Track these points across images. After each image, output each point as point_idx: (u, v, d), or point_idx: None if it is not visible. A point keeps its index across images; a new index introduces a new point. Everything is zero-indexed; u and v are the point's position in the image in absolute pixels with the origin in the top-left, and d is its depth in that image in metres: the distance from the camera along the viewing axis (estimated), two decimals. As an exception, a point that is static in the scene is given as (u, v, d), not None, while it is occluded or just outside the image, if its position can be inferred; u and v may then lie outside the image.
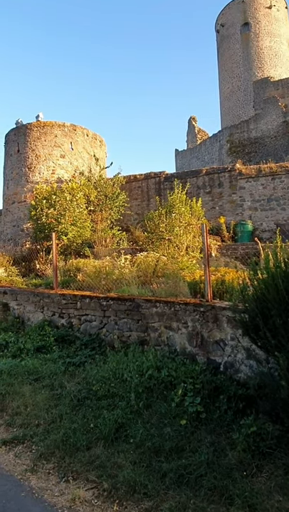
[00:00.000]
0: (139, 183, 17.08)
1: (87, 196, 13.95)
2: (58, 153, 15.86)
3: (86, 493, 3.23)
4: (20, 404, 4.83)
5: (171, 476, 3.24)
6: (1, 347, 6.88)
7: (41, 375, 5.50)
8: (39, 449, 3.91)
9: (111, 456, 3.60)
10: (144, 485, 3.17)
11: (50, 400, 4.84)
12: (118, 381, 4.76)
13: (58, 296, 7.21)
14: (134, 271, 7.84)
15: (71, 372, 5.50)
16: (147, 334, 5.64)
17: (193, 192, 14.96)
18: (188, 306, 5.16)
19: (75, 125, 16.48)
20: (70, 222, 12.38)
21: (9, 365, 5.86)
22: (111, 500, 3.11)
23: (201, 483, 3.13)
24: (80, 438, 3.90)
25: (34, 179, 15.56)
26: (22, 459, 3.84)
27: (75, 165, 16.05)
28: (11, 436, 4.26)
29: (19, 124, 16.67)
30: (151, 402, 4.31)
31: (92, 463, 3.57)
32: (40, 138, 15.87)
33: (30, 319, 7.83)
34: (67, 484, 3.38)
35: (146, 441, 3.66)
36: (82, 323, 6.70)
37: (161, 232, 10.31)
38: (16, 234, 15.85)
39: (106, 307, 6.28)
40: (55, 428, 4.20)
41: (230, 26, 33.21)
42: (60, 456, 3.76)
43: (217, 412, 3.98)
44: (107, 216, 14.00)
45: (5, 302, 8.66)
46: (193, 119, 34.48)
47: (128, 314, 5.93)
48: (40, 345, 6.54)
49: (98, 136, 17.60)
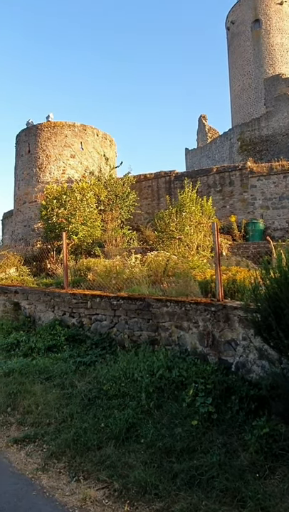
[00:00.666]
0: (149, 182, 17.04)
1: (98, 196, 13.98)
2: (68, 153, 15.92)
3: (97, 493, 3.22)
4: (31, 403, 4.85)
5: (183, 476, 3.20)
6: (12, 346, 6.93)
7: (52, 374, 5.52)
8: (50, 448, 3.92)
9: (122, 456, 3.58)
10: (155, 485, 3.15)
11: (61, 399, 4.85)
12: (129, 381, 4.74)
13: (69, 296, 7.23)
14: (145, 270, 7.82)
15: (82, 371, 5.51)
16: (158, 334, 5.62)
17: (204, 191, 14.86)
18: (199, 305, 5.12)
19: (85, 125, 16.52)
20: (80, 221, 12.42)
21: (20, 364, 5.90)
22: (122, 501, 3.09)
23: (212, 484, 3.09)
24: (91, 437, 3.89)
25: (45, 179, 15.65)
26: (33, 458, 3.85)
27: (85, 165, 16.10)
28: (22, 434, 4.28)
29: (30, 124, 16.78)
30: (162, 402, 4.28)
31: (103, 463, 3.56)
32: (50, 138, 15.96)
33: (41, 318, 7.87)
34: (78, 484, 3.38)
35: (157, 442, 3.64)
36: (93, 322, 6.70)
37: (172, 231, 10.26)
38: (27, 234, 15.97)
39: (116, 306, 6.27)
40: (66, 427, 4.21)
41: (241, 23, 32.91)
42: (71, 455, 3.76)
43: (229, 413, 3.93)
44: (118, 216, 14.00)
45: (16, 301, 8.72)
46: (204, 117, 34.29)
47: (138, 314, 5.91)
48: (51, 344, 6.56)
49: (108, 136, 17.62)
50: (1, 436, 4.35)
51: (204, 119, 34.23)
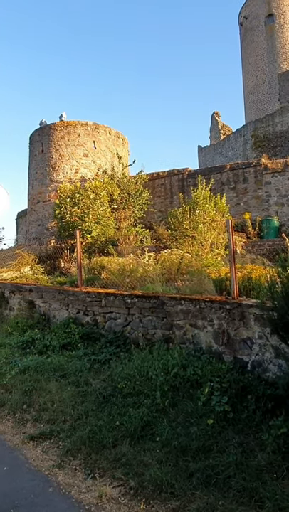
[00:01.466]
0: (162, 180, 16.99)
1: (111, 194, 14.00)
2: (81, 152, 16.00)
3: (113, 491, 3.22)
4: (47, 401, 4.89)
5: (199, 476, 3.18)
6: (27, 344, 6.99)
7: (67, 372, 5.55)
8: (66, 445, 3.94)
9: (137, 454, 3.57)
10: (171, 484, 3.13)
11: (76, 396, 4.87)
12: (143, 379, 4.73)
13: (83, 294, 7.25)
14: (158, 268, 7.79)
15: (96, 369, 5.52)
16: (172, 332, 5.59)
17: (217, 188, 14.74)
18: (214, 303, 5.07)
19: (98, 124, 16.57)
20: (93, 220, 12.46)
21: (36, 362, 5.95)
22: (138, 499, 3.09)
23: (229, 484, 3.06)
24: (106, 435, 3.90)
25: (58, 178, 15.76)
26: (49, 455, 3.88)
27: (98, 163, 16.14)
28: (38, 431, 4.31)
29: (43, 124, 16.91)
30: (177, 401, 4.26)
31: (119, 460, 3.56)
32: (63, 137, 16.05)
33: (55, 317, 7.93)
34: (93, 481, 3.39)
35: (172, 440, 3.62)
36: (107, 320, 6.72)
37: (185, 229, 10.21)
38: (41, 233, 16.11)
39: (130, 305, 6.26)
40: (81, 424, 4.23)
41: (254, 18, 32.48)
42: (86, 452, 3.78)
43: (245, 412, 3.89)
44: (131, 214, 14.00)
45: (31, 300, 8.80)
46: (217, 114, 34.00)
47: (153, 312, 5.89)
48: (66, 342, 6.60)
49: (121, 135, 17.63)
50: (18, 432, 4.40)
51: (217, 116, 33.94)
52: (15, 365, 6.08)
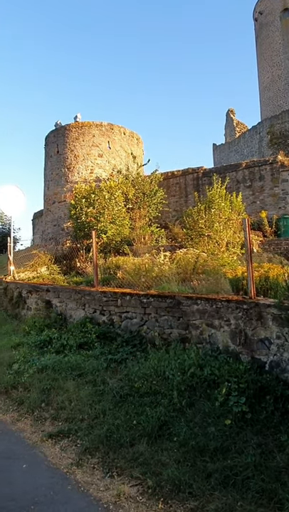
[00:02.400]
0: (177, 179, 16.94)
1: (125, 194, 14.04)
2: (95, 152, 16.09)
3: (131, 490, 3.23)
4: (64, 399, 4.94)
5: (217, 476, 3.16)
6: (45, 343, 7.07)
7: (84, 371, 5.59)
8: (84, 444, 3.97)
9: (155, 454, 3.58)
10: (189, 484, 3.13)
11: (93, 395, 4.91)
12: (160, 378, 4.74)
13: (99, 294, 7.30)
14: (174, 268, 7.77)
15: (113, 368, 5.55)
16: (188, 332, 5.57)
17: (233, 187, 14.61)
18: (231, 303, 5.03)
19: (112, 124, 16.64)
20: (109, 220, 12.52)
21: (53, 361, 6.02)
22: (156, 498, 3.09)
23: (248, 485, 3.03)
24: (124, 434, 3.92)
25: (73, 179, 15.89)
26: (67, 453, 3.92)
27: (113, 163, 16.21)
28: (56, 429, 4.37)
29: (58, 125, 17.09)
30: (194, 401, 4.24)
31: (136, 460, 3.57)
32: (78, 138, 16.18)
33: (72, 316, 8.00)
34: (111, 480, 3.41)
35: (190, 440, 3.61)
36: (123, 320, 6.74)
37: (201, 228, 10.15)
38: (57, 233, 16.28)
39: (146, 304, 6.27)
40: (98, 423, 4.26)
41: (269, 13, 32.02)
42: (104, 451, 3.80)
43: (263, 413, 3.85)
44: (145, 214, 14.00)
45: (48, 300, 8.91)
46: (231, 111, 33.68)
47: (169, 311, 5.88)
48: (83, 341, 6.65)
49: (135, 134, 17.66)
50: (36, 430, 4.47)
51: (232, 114, 33.62)
52: (33, 364, 6.17)
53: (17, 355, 6.76)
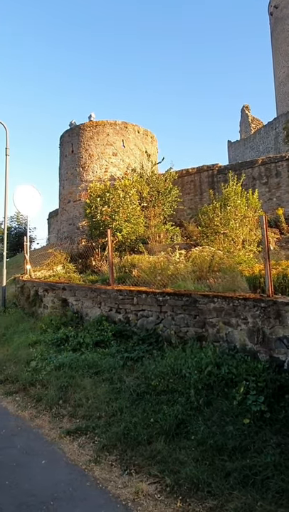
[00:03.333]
0: (192, 177, 16.83)
1: (140, 192, 14.02)
2: (110, 151, 16.13)
3: (149, 487, 3.24)
4: (81, 397, 4.98)
5: (236, 475, 3.14)
6: (61, 341, 7.14)
7: (101, 369, 5.62)
8: (101, 441, 4.00)
9: (172, 452, 3.58)
10: (208, 483, 3.11)
11: (110, 393, 4.93)
12: (177, 377, 4.72)
13: (115, 292, 7.32)
14: (189, 266, 7.73)
15: (129, 366, 5.56)
16: (205, 330, 5.54)
17: (249, 184, 14.43)
18: (248, 301, 4.97)
19: (127, 123, 16.64)
20: (123, 218, 12.53)
21: (70, 359, 6.07)
22: (174, 496, 3.09)
23: (267, 485, 3.00)
24: (141, 432, 3.92)
25: (88, 178, 15.97)
26: (86, 450, 3.95)
27: (127, 162, 16.23)
28: (74, 426, 4.41)
29: (73, 125, 17.19)
30: (211, 400, 4.22)
31: (154, 457, 3.57)
32: (92, 137, 16.24)
33: (88, 314, 8.05)
34: (129, 477, 3.42)
35: (208, 439, 3.59)
36: (139, 318, 6.74)
37: (216, 226, 10.06)
38: (72, 232, 16.40)
39: (162, 302, 6.26)
40: (115, 421, 4.28)
41: (285, 7, 31.49)
42: (121, 448, 3.82)
43: (282, 412, 3.79)
44: (160, 212, 13.96)
45: (64, 298, 8.98)
46: (246, 107, 33.27)
47: (185, 310, 5.86)
48: (99, 339, 6.68)
49: (149, 132, 17.62)
50: (55, 427, 4.52)
51: (247, 110, 33.21)
52: (50, 361, 6.24)
53: (34, 353, 6.84)
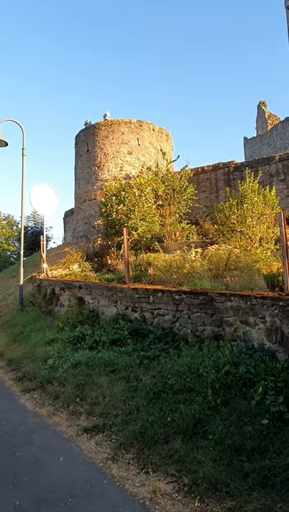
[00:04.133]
0: (207, 174, 16.69)
1: (155, 191, 13.99)
2: (125, 150, 16.15)
3: (166, 487, 3.22)
4: (98, 395, 5.00)
5: (255, 476, 3.09)
6: (78, 339, 7.19)
7: (117, 367, 5.64)
8: (118, 439, 4.01)
9: (190, 452, 3.55)
10: (226, 483, 3.07)
11: (127, 391, 4.94)
12: (194, 376, 4.69)
13: (131, 291, 7.32)
14: (206, 264, 7.68)
15: (146, 365, 5.56)
16: (222, 329, 5.48)
17: (266, 181, 14.21)
18: (266, 299, 4.89)
19: (142, 121, 16.62)
20: (139, 217, 12.53)
21: (87, 357, 6.11)
22: (192, 496, 3.07)
23: (287, 486, 2.94)
24: (158, 431, 3.91)
25: (103, 177, 16.03)
26: (103, 447, 3.96)
27: (142, 160, 16.21)
28: (91, 424, 4.43)
29: (88, 124, 17.27)
30: (229, 399, 4.17)
31: (171, 457, 3.56)
32: (107, 136, 16.29)
33: (104, 313, 8.08)
34: (147, 476, 3.41)
35: (226, 439, 3.55)
36: (155, 317, 6.73)
37: (233, 223, 9.95)
38: (88, 231, 16.49)
39: (178, 301, 6.23)
40: (132, 419, 4.28)
41: (302, 0, 30.82)
42: (138, 447, 3.82)
43: (302, 413, 3.72)
44: (176, 210, 13.91)
45: (80, 296, 9.04)
46: (263, 103, 32.79)
47: (201, 308, 5.81)
48: (115, 338, 6.70)
49: (164, 130, 17.56)
50: (72, 424, 4.55)
51: (264, 106, 32.74)
52: (67, 359, 6.29)
53: (51, 351, 6.92)
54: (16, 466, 3.69)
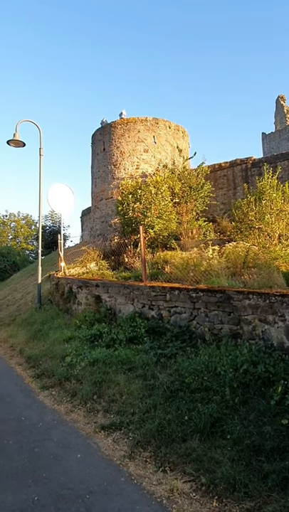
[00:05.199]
0: (224, 171, 16.52)
1: (172, 188, 13.94)
2: (141, 148, 16.13)
3: (184, 486, 3.20)
4: (115, 392, 5.01)
5: (274, 477, 3.03)
6: (95, 337, 7.23)
7: (134, 365, 5.64)
8: (135, 437, 4.00)
9: (207, 451, 3.51)
10: (245, 484, 3.03)
11: (144, 389, 4.93)
12: (211, 374, 4.64)
13: (148, 289, 7.31)
14: (223, 262, 7.60)
15: (163, 363, 5.53)
16: (240, 327, 5.40)
17: (285, 176, 13.95)
18: (286, 297, 4.79)
19: (158, 118, 16.56)
20: (155, 215, 12.50)
21: (104, 355, 6.13)
22: (210, 496, 3.03)
23: (308, 489, 2.87)
24: (175, 429, 3.89)
25: (119, 175, 16.06)
26: (120, 445, 3.97)
27: (159, 158, 16.16)
28: (108, 422, 4.44)
29: (104, 123, 17.33)
30: (247, 398, 4.11)
31: (189, 456, 3.53)
32: (124, 135, 16.30)
33: (121, 311, 8.10)
34: (164, 474, 3.40)
35: (244, 439, 3.49)
36: (172, 315, 6.70)
37: (251, 220, 9.81)
38: (105, 229, 16.57)
39: (196, 299, 6.17)
40: (149, 417, 4.27)
41: None
42: (156, 445, 3.80)
43: None
44: (192, 207, 13.82)
45: (97, 294, 9.09)
46: (282, 98, 32.17)
47: (219, 306, 5.74)
48: (132, 336, 6.70)
49: (181, 127, 17.45)
50: (89, 422, 4.57)
51: (282, 100, 32.12)
52: (84, 357, 6.33)
53: (69, 349, 6.98)
54: (35, 462, 3.73)
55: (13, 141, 11.87)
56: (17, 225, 45.99)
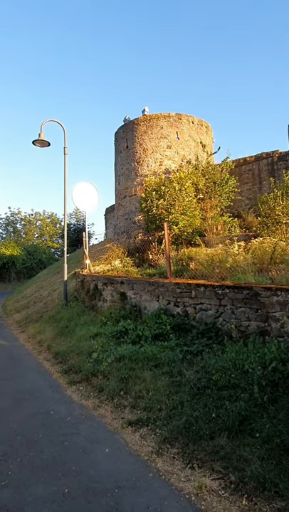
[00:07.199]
0: (250, 165, 16.22)
1: (196, 184, 13.82)
2: (164, 144, 16.06)
3: (212, 483, 3.18)
4: (142, 389, 5.04)
5: (306, 478, 2.97)
6: (121, 334, 7.28)
7: (160, 362, 5.64)
8: (163, 433, 4.01)
9: (236, 449, 3.48)
10: (275, 483, 2.98)
11: (170, 386, 4.93)
12: (238, 372, 4.58)
13: (173, 285, 7.29)
14: (249, 258, 7.47)
15: (189, 360, 5.52)
16: (268, 324, 5.31)
17: (312, 169, 13.56)
18: (315, 294, 4.67)
19: (180, 114, 16.43)
20: (180, 211, 12.43)
21: (130, 351, 6.16)
22: (239, 494, 3.00)
23: None
24: (203, 427, 3.87)
25: (143, 172, 16.06)
26: (147, 441, 3.98)
27: (182, 154, 16.05)
28: (135, 418, 4.47)
29: (127, 120, 17.36)
30: (276, 397, 4.03)
31: (217, 453, 3.51)
32: (146, 131, 16.28)
33: (146, 308, 8.12)
34: (192, 471, 3.39)
35: (274, 438, 3.44)
36: (198, 311, 6.65)
37: (278, 215, 9.60)
38: (129, 226, 16.63)
39: (222, 296, 6.11)
40: (176, 414, 4.26)
41: None
42: (183, 442, 3.80)
43: None
44: (217, 203, 13.65)
45: (122, 291, 9.14)
46: (308, 89, 31.19)
47: (246, 303, 5.66)
48: (158, 332, 6.71)
49: (204, 122, 17.25)
50: (117, 417, 4.62)
51: (308, 91, 31.10)
52: (110, 353, 6.39)
53: (95, 345, 7.06)
54: (64, 455, 3.81)
55: (39, 141, 12.09)
56: (42, 224, 46.95)
